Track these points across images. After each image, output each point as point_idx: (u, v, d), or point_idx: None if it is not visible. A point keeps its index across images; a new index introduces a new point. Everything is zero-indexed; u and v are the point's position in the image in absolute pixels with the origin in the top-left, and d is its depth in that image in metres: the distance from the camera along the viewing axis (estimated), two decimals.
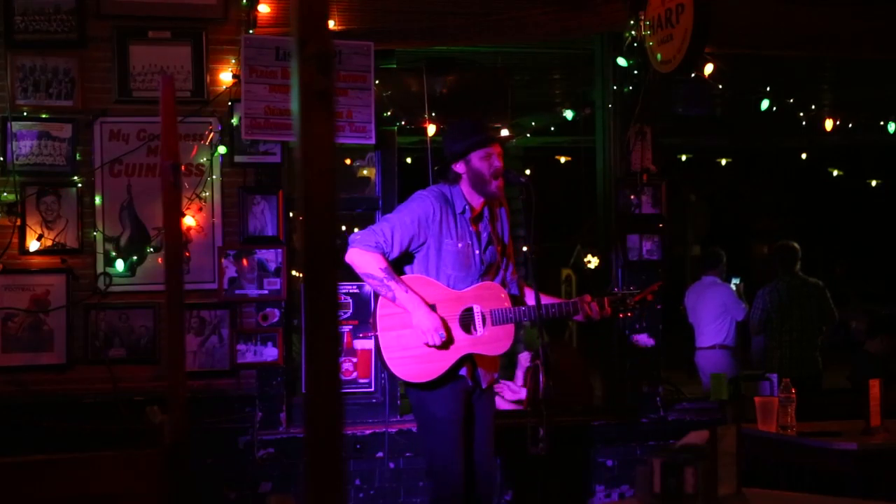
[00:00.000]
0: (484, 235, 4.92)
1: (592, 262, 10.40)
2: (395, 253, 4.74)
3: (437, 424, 4.78)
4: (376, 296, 4.84)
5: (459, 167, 4.87)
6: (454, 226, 4.83)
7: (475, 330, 4.80)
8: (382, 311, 4.75)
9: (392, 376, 4.87)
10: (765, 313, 8.35)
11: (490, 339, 4.83)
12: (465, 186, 4.89)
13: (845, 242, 13.29)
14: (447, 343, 4.74)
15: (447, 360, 4.75)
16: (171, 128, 2.65)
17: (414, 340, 4.72)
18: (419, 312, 4.68)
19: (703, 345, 8.86)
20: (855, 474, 4.89)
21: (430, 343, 4.69)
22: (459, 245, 4.83)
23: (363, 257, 4.69)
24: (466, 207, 4.88)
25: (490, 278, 4.91)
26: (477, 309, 4.82)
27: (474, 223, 4.90)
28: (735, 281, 9.44)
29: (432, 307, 4.73)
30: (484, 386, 4.90)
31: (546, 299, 4.97)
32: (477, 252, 4.88)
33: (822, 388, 8.16)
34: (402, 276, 4.78)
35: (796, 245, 8.38)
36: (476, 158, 4.84)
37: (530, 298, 5.03)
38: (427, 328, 4.68)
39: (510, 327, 4.87)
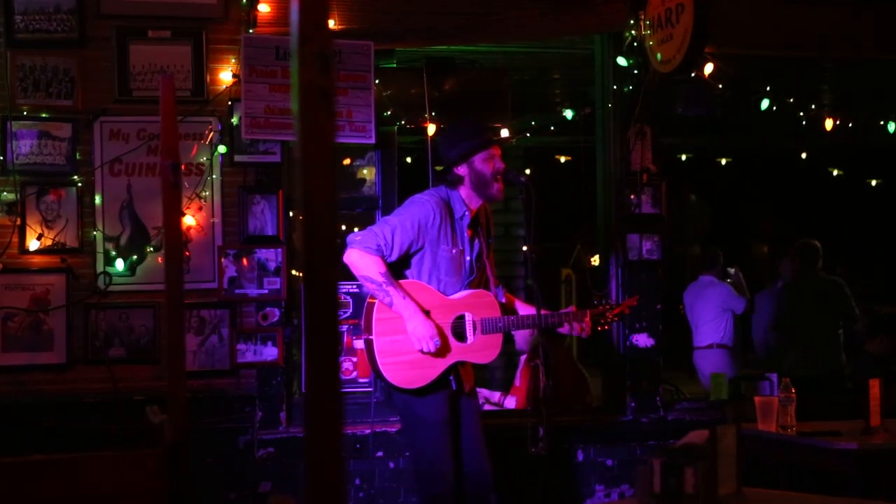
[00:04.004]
0: (477, 242, 4.93)
1: (593, 261, 10.39)
2: (394, 256, 4.74)
3: (426, 427, 4.79)
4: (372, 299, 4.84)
5: (462, 170, 4.87)
6: (451, 231, 4.83)
7: (466, 338, 4.82)
8: (379, 315, 4.75)
9: (382, 380, 4.87)
10: (782, 311, 8.33)
11: (479, 347, 4.85)
12: (465, 189, 4.89)
13: (845, 242, 13.27)
14: (441, 350, 4.75)
15: (439, 366, 4.77)
16: (171, 127, 2.65)
17: (408, 346, 4.73)
18: (415, 320, 4.69)
19: (701, 344, 8.86)
20: (855, 474, 4.89)
21: (426, 350, 4.70)
22: (454, 251, 4.84)
23: (363, 259, 4.69)
24: (466, 213, 4.88)
25: (477, 284, 4.93)
26: (468, 317, 4.83)
27: (470, 228, 4.91)
28: (730, 271, 9.42)
29: (427, 313, 4.74)
30: (466, 390, 4.91)
31: (527, 309, 4.99)
32: (468, 258, 4.89)
33: (845, 388, 8.12)
34: (399, 281, 4.78)
35: (818, 244, 8.36)
36: (479, 161, 4.85)
37: (521, 308, 5.06)
38: (423, 335, 4.68)
39: (498, 336, 4.89)
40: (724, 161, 12.82)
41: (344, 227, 6.10)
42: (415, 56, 6.46)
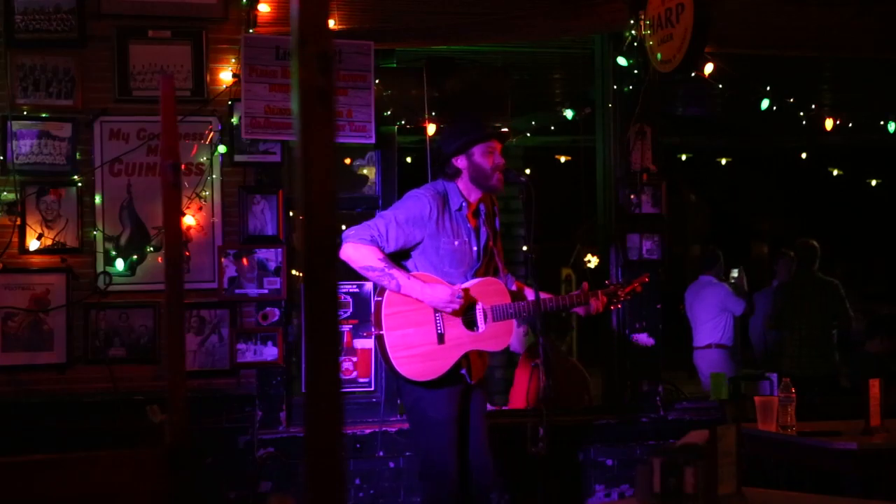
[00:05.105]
0: (482, 231, 4.93)
1: (592, 261, 10.41)
2: (390, 249, 4.74)
3: (434, 425, 4.79)
4: (381, 292, 4.82)
5: (460, 162, 4.87)
6: (450, 224, 4.83)
7: (477, 326, 4.82)
8: (388, 309, 4.74)
9: (393, 375, 4.86)
10: (777, 309, 8.35)
11: (491, 335, 4.84)
12: (463, 182, 4.89)
13: (845, 242, 13.28)
14: (453, 340, 4.75)
15: (451, 357, 4.76)
16: (171, 127, 2.65)
17: (419, 339, 4.73)
18: (427, 291, 4.70)
19: (700, 344, 8.87)
20: (855, 474, 4.89)
21: (457, 309, 4.71)
22: (456, 243, 4.83)
23: (359, 251, 4.69)
24: (463, 204, 4.88)
25: (485, 272, 4.93)
26: (479, 305, 4.83)
27: (473, 218, 4.91)
28: (734, 273, 9.43)
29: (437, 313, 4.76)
30: (474, 382, 4.91)
31: (544, 295, 4.99)
32: (475, 248, 4.89)
33: (838, 388, 8.14)
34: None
35: (815, 244, 8.38)
36: (478, 153, 4.85)
37: (530, 295, 5.05)
38: (443, 299, 4.69)
39: (510, 323, 4.90)
40: (724, 161, 12.82)
41: (344, 227, 6.11)
42: (415, 56, 6.47)
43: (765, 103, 6.63)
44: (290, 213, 5.90)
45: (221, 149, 5.77)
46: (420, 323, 4.74)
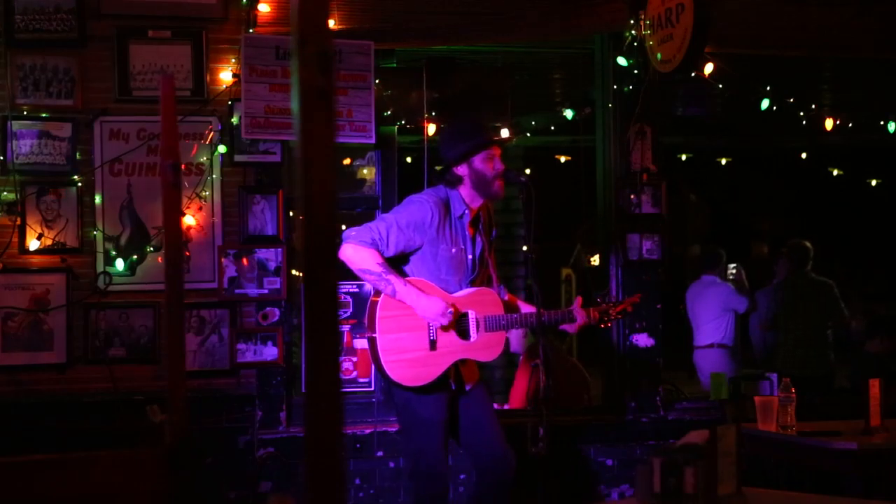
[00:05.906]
0: (479, 240, 4.93)
1: (593, 261, 10.40)
2: (389, 253, 4.74)
3: (424, 426, 4.80)
4: (377, 293, 4.83)
5: (462, 170, 4.86)
6: (450, 231, 4.83)
7: (469, 335, 4.82)
8: (383, 312, 4.74)
9: (385, 378, 4.87)
10: (771, 311, 8.37)
11: (482, 345, 4.84)
12: (465, 189, 4.88)
13: (845, 242, 13.29)
14: (444, 348, 4.75)
15: (442, 364, 4.77)
16: (171, 127, 2.65)
17: (411, 344, 4.73)
18: (422, 301, 4.70)
19: (701, 343, 8.87)
20: (855, 474, 4.89)
21: (444, 325, 4.70)
22: (454, 250, 4.83)
23: (359, 253, 4.69)
24: (465, 212, 4.88)
25: (479, 282, 4.93)
26: (472, 314, 4.83)
27: (472, 226, 4.91)
28: (731, 270, 9.43)
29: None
30: (468, 389, 4.91)
31: (529, 309, 4.99)
32: (470, 257, 4.89)
33: (833, 388, 8.15)
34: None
35: (808, 244, 8.40)
36: (479, 161, 4.84)
37: (523, 307, 5.06)
38: (435, 313, 4.69)
39: (502, 334, 4.90)
40: (724, 161, 12.82)
41: (344, 227, 6.11)
42: (415, 56, 6.47)
43: (765, 103, 6.63)
44: (290, 213, 5.90)
45: (221, 149, 5.77)
46: (413, 328, 4.74)
